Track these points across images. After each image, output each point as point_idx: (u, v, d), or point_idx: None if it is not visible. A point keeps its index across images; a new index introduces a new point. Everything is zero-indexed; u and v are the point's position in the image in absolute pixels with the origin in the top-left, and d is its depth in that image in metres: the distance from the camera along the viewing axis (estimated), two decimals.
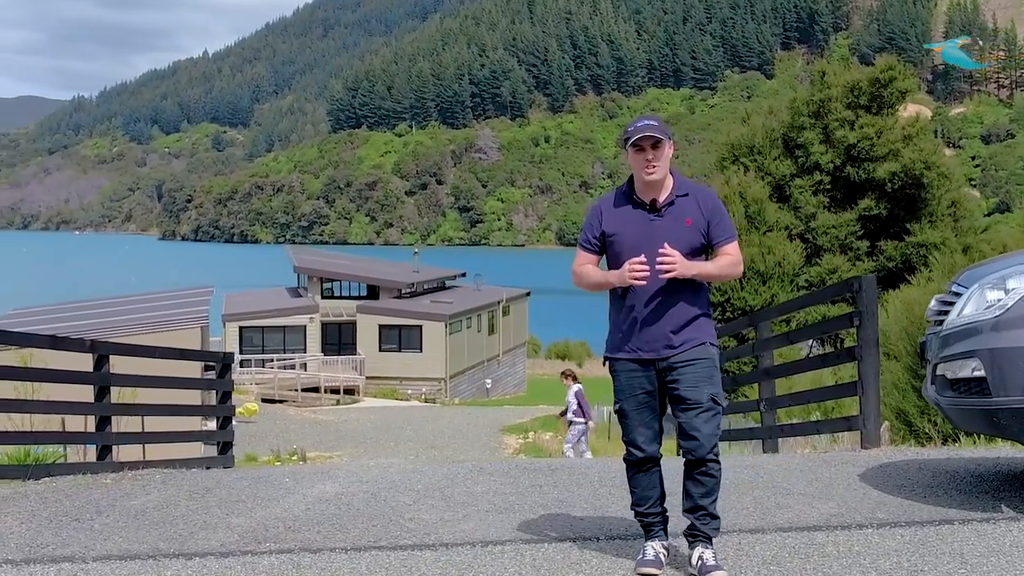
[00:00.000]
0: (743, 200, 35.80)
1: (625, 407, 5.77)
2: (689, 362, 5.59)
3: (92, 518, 7.55)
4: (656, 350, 5.63)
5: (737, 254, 5.78)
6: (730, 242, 5.75)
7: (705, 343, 5.66)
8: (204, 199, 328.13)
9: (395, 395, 57.83)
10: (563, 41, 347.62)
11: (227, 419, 13.11)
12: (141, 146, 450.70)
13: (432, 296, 66.16)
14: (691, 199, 5.72)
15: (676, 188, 5.74)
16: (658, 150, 5.62)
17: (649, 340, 5.65)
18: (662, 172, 5.66)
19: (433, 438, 40.24)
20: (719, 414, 5.63)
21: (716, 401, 5.59)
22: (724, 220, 5.76)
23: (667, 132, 5.67)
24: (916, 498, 7.18)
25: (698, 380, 5.57)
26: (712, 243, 5.72)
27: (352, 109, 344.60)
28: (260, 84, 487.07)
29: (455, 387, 60.59)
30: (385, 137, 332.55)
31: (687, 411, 5.56)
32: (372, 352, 59.22)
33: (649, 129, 5.63)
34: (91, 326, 33.11)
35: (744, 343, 16.37)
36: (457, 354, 60.81)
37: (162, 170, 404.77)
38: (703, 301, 5.79)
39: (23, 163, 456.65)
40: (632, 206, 5.75)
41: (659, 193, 5.71)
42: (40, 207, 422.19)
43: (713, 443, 5.56)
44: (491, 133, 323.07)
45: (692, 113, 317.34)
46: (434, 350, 59.27)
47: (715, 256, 5.80)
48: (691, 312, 5.68)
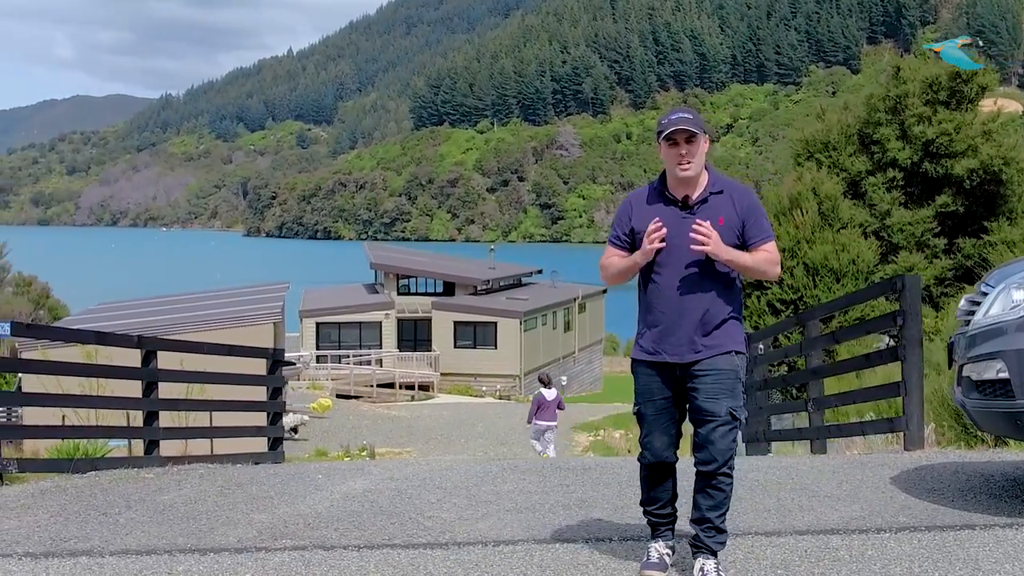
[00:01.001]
0: (816, 197, 35.24)
1: (644, 411, 5.62)
2: (711, 372, 5.41)
3: (120, 512, 7.66)
4: (680, 354, 5.45)
5: (775, 254, 5.58)
6: (767, 242, 5.55)
7: (731, 352, 5.46)
8: (288, 196, 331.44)
9: (469, 392, 57.96)
10: (645, 37, 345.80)
11: (277, 415, 13.20)
12: (227, 144, 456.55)
13: (508, 293, 66.24)
14: (726, 196, 5.51)
15: (711, 185, 5.53)
16: (692, 144, 5.42)
17: (674, 342, 5.45)
18: (696, 168, 5.45)
19: (504, 435, 40.32)
20: (736, 428, 5.46)
21: (734, 415, 5.40)
22: (760, 219, 5.55)
23: (702, 125, 5.47)
24: (943, 502, 7.03)
25: (718, 392, 5.39)
26: (748, 243, 5.49)
27: (434, 106, 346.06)
28: (344, 82, 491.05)
29: (530, 384, 60.54)
30: (467, 134, 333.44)
31: (704, 423, 5.40)
32: (447, 348, 59.43)
33: (683, 122, 5.42)
34: (165, 322, 33.64)
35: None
36: (532, 351, 60.80)
37: (247, 167, 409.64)
38: (735, 303, 5.60)
39: (112, 161, 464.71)
40: (664, 203, 5.54)
41: (692, 189, 5.50)
42: (128, 204, 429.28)
43: (727, 457, 5.41)
44: (572, 130, 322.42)
45: (776, 109, 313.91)
46: (509, 347, 59.32)
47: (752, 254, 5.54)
48: (721, 314, 5.46)
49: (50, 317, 52.80)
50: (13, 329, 9.75)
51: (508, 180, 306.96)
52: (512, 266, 77.50)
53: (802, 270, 33.86)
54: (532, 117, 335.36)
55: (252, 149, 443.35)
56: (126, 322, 34.39)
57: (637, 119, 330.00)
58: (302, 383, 51.50)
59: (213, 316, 34.61)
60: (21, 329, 10.39)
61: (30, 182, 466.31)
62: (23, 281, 55.91)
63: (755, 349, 13.30)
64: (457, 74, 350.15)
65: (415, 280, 65.71)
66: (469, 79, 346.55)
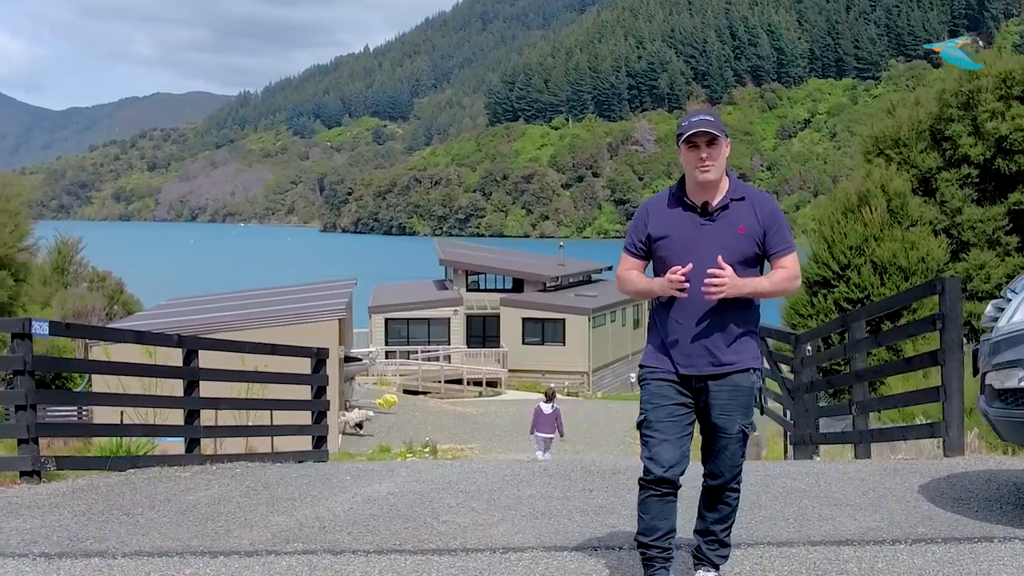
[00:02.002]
0: (885, 194, 34.71)
1: (651, 416, 5.24)
2: (727, 387, 5.22)
3: (143, 512, 7.72)
4: (697, 366, 5.22)
5: (795, 267, 5.34)
6: (788, 254, 5.31)
7: (749, 369, 5.26)
8: (364, 192, 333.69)
9: (537, 388, 57.85)
10: (722, 32, 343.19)
11: (322, 414, 13.25)
12: (304, 140, 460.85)
13: (577, 290, 66.13)
14: (747, 204, 5.30)
15: (731, 191, 5.31)
16: (713, 148, 5.23)
17: (691, 355, 5.22)
18: (717, 172, 5.23)
19: (570, 433, 40.17)
20: (745, 444, 5.33)
21: (746, 432, 5.26)
22: (782, 229, 5.31)
23: (724, 128, 5.28)
24: (967, 512, 6.86)
25: (732, 409, 5.21)
26: (768, 254, 5.29)
27: (509, 102, 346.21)
28: (419, 78, 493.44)
29: (598, 381, 60.44)
30: (542, 130, 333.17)
31: (715, 439, 5.27)
32: (515, 345, 59.47)
33: (704, 124, 5.24)
34: (229, 318, 33.99)
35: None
36: (600, 348, 60.66)
37: (324, 163, 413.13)
38: (753, 318, 5.36)
39: (192, 157, 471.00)
40: (683, 208, 5.32)
41: (712, 195, 5.28)
42: (207, 200, 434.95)
43: (735, 473, 5.31)
44: (648, 125, 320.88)
45: (855, 104, 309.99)
46: (577, 344, 59.22)
47: (771, 268, 5.36)
48: (740, 327, 5.25)
49: (124, 312, 53.61)
50: (51, 328, 9.87)
51: (583, 176, 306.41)
52: (581, 263, 77.33)
53: (869, 268, 33.39)
54: (607, 113, 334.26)
55: (329, 145, 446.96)
56: (192, 318, 34.82)
57: None
58: (370, 379, 51.79)
59: (278, 313, 34.89)
60: (60, 328, 10.52)
61: (112, 178, 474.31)
62: (98, 277, 56.84)
63: (803, 350, 13.11)
64: (532, 70, 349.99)
65: (484, 276, 65.77)
66: (544, 75, 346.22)
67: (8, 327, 9.79)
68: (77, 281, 54.48)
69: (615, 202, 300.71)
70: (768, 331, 15.43)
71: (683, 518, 5.60)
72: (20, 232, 38.07)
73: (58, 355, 34.61)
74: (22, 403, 9.49)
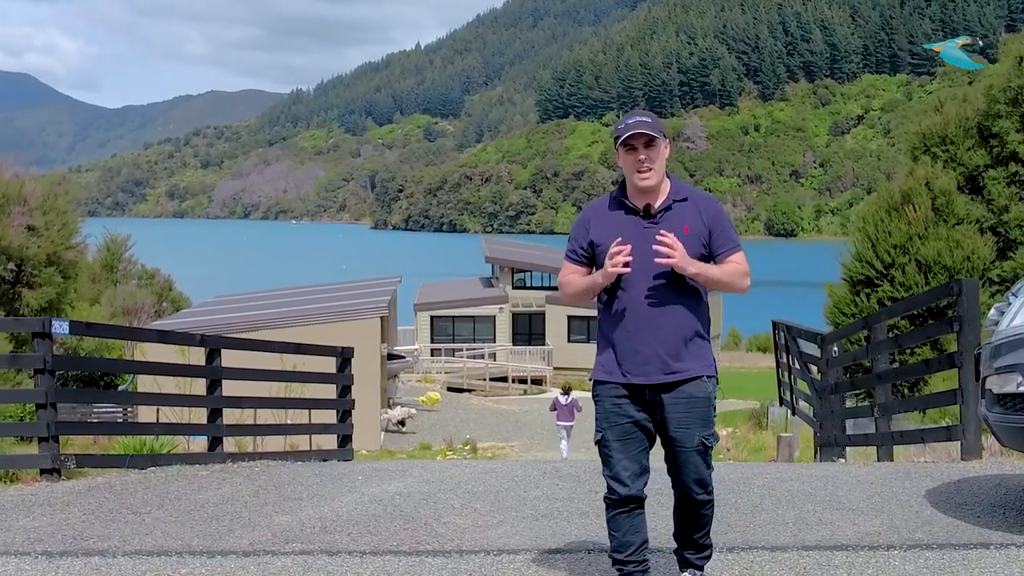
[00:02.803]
0: (930, 192, 34.30)
1: (607, 436, 5.16)
2: (682, 400, 5.08)
3: (151, 511, 7.81)
4: (648, 374, 5.07)
5: (745, 265, 5.21)
6: (735, 252, 5.20)
7: (701, 377, 5.11)
8: (415, 189, 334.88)
9: (583, 386, 57.75)
10: (774, 27, 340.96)
11: (346, 413, 13.33)
12: (355, 137, 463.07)
13: None
14: (690, 205, 5.18)
15: (673, 192, 5.20)
16: (652, 149, 5.10)
17: (641, 363, 5.07)
18: (657, 175, 5.11)
19: None
20: (709, 453, 5.17)
21: (706, 444, 5.11)
22: (727, 229, 5.23)
23: (662, 129, 5.16)
24: (968, 518, 6.79)
25: (690, 421, 5.08)
26: (715, 254, 5.19)
27: (560, 99, 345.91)
28: (471, 75, 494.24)
29: None
30: (592, 127, 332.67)
31: (675, 452, 5.13)
32: (561, 343, 59.40)
33: (642, 126, 5.10)
34: (272, 315, 34.27)
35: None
36: None
37: (375, 160, 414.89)
38: (702, 320, 5.20)
39: (244, 155, 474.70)
40: (625, 212, 5.19)
41: (654, 198, 5.16)
42: (260, 197, 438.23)
43: (704, 486, 5.17)
44: (699, 122, 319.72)
45: (909, 100, 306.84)
46: None
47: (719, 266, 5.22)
48: (688, 331, 5.11)
49: (173, 309, 54.15)
50: (71, 328, 10.00)
51: None
52: None
53: (914, 267, 32.98)
54: (658, 109, 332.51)
55: (380, 143, 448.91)
56: (236, 315, 35.13)
57: (765, 111, 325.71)
58: (414, 376, 51.96)
59: (320, 311, 35.10)
60: (80, 327, 10.66)
61: (166, 176, 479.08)
62: (146, 274, 57.42)
63: (829, 351, 13.02)
64: (583, 67, 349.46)
65: (530, 274, 65.68)
66: (595, 72, 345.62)
67: (28, 326, 9.95)
68: (126, 279, 55.03)
69: None
70: (797, 331, 15.35)
71: (665, 521, 5.59)
72: (68, 230, 38.39)
73: (105, 355, 35.07)
74: (42, 402, 9.62)
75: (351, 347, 13.36)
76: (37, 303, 35.87)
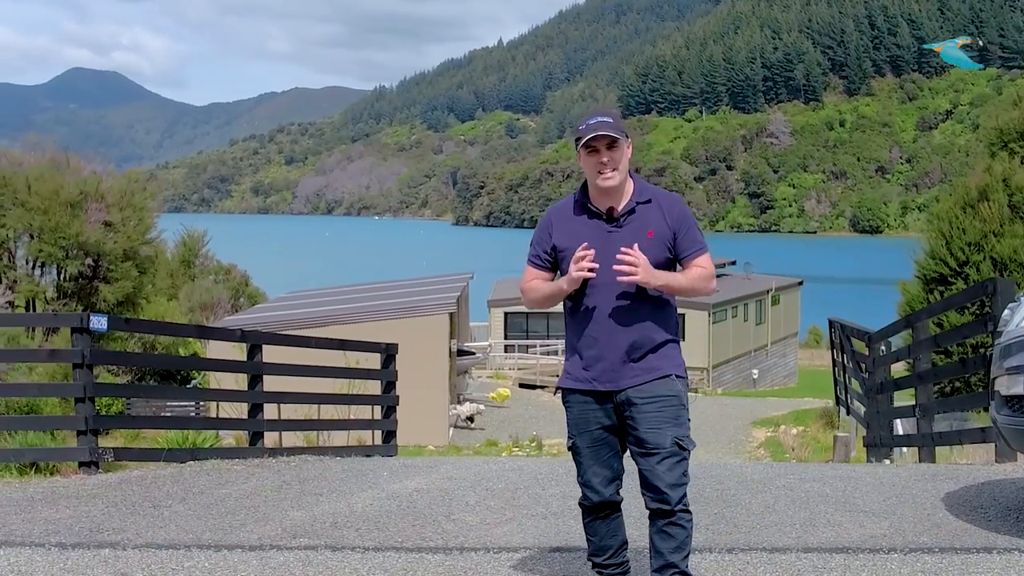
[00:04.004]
0: (1006, 188, 33.71)
1: (578, 443, 5.10)
2: (651, 399, 4.90)
3: (172, 505, 7.94)
4: (614, 380, 4.95)
5: (710, 267, 5.09)
6: (700, 254, 5.07)
7: (670, 375, 4.96)
8: (496, 185, 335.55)
9: None
10: (860, 21, 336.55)
11: (391, 408, 13.41)
12: (438, 134, 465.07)
13: None
14: (654, 206, 5.05)
15: (637, 194, 5.07)
16: (614, 151, 4.95)
17: (606, 369, 4.95)
18: (620, 176, 4.98)
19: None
20: (685, 459, 4.94)
21: (681, 445, 4.89)
22: (692, 230, 5.08)
23: (623, 130, 5.00)
24: (979, 522, 6.67)
25: (661, 421, 4.88)
26: (680, 257, 5.04)
27: (642, 95, 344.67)
28: (552, 71, 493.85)
29: (718, 377, 59.87)
30: (675, 123, 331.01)
31: (647, 456, 4.89)
32: None
33: (603, 127, 4.95)
34: (340, 311, 34.54)
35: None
36: (721, 344, 60.08)
37: (457, 157, 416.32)
38: (670, 323, 5.06)
39: (328, 151, 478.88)
40: (588, 216, 5.07)
41: (617, 200, 5.04)
42: (343, 193, 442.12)
43: (680, 493, 4.88)
44: (783, 117, 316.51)
45: (999, 94, 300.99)
46: (696, 339, 58.65)
47: (684, 270, 5.07)
48: (656, 337, 4.97)
49: (249, 304, 54.80)
50: (111, 323, 10.18)
51: (716, 169, 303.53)
52: None
53: (989, 265, 32.44)
54: (742, 105, 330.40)
55: (462, 139, 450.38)
56: (305, 311, 35.47)
57: (851, 106, 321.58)
58: (485, 372, 52.11)
59: (388, 307, 35.28)
60: (119, 323, 10.84)
61: (251, 172, 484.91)
62: (222, 269, 58.17)
63: (876, 349, 12.85)
64: (666, 62, 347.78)
65: None
66: (678, 67, 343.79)
67: (68, 321, 10.14)
68: (204, 274, 55.83)
69: (749, 195, 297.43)
70: (850, 329, 15.18)
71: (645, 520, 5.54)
72: (144, 226, 39.11)
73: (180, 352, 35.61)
74: (80, 396, 9.81)
75: (395, 343, 13.44)
76: (113, 297, 36.55)
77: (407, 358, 31.41)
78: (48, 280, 37.63)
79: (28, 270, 37.12)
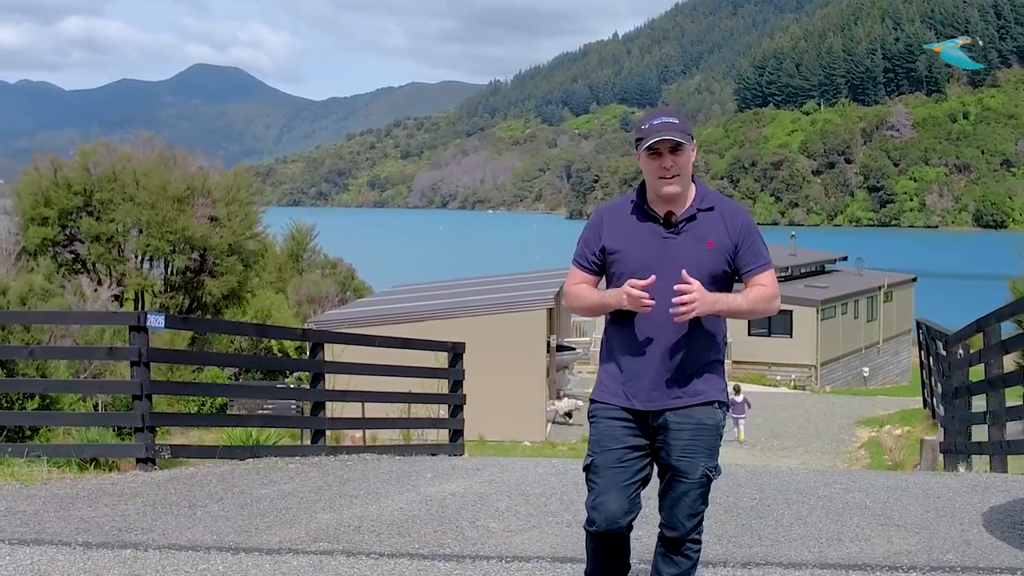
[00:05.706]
0: None
1: (598, 462, 4.69)
2: (690, 426, 4.62)
3: (207, 505, 8.00)
4: (652, 400, 4.64)
5: (773, 285, 4.71)
6: (763, 270, 4.73)
7: (713, 403, 4.67)
8: (610, 179, 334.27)
9: (763, 380, 56.81)
10: (985, 11, 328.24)
11: (458, 407, 13.39)
12: (552, 128, 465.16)
13: (807, 280, 64.52)
14: (716, 215, 4.70)
15: (698, 200, 4.72)
16: (678, 155, 4.61)
17: (646, 387, 4.63)
18: (682, 183, 4.65)
19: (782, 427, 39.29)
20: (708, 489, 4.72)
21: (710, 477, 4.67)
22: (757, 243, 4.73)
23: (689, 132, 4.68)
24: (1013, 539, 6.43)
25: (696, 450, 4.62)
26: (741, 272, 4.71)
27: (759, 87, 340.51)
28: (668, 64, 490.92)
29: (827, 374, 58.88)
30: (792, 115, 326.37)
31: (674, 483, 4.67)
32: (740, 336, 58.42)
33: (668, 129, 4.59)
34: (439, 306, 34.70)
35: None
36: (830, 340, 59.06)
37: (571, 151, 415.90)
38: (719, 343, 4.75)
39: (443, 145, 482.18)
40: (643, 219, 4.72)
41: (678, 206, 4.69)
42: (457, 187, 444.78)
43: (695, 523, 4.70)
44: (904, 109, 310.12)
45: None
46: (805, 336, 57.80)
47: (744, 287, 4.74)
48: (703, 358, 4.67)
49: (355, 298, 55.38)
50: (168, 321, 10.31)
51: (835, 162, 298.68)
52: (814, 252, 75.36)
53: None
54: (861, 97, 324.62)
55: (576, 133, 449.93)
56: (403, 305, 35.70)
57: (975, 97, 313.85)
58: (586, 368, 51.90)
59: (487, 302, 35.32)
60: (176, 321, 10.98)
61: (367, 166, 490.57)
62: (329, 263, 58.82)
63: (954, 352, 12.48)
64: (783, 54, 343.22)
65: None
66: (796, 59, 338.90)
67: (125, 320, 10.32)
68: (312, 268, 56.54)
69: (868, 189, 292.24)
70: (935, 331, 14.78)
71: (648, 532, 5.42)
72: (250, 220, 39.71)
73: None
74: (137, 393, 9.96)
75: (463, 342, 13.42)
76: (219, 291, 37.19)
77: (504, 354, 31.39)
78: (156, 274, 38.42)
79: (137, 264, 37.92)
